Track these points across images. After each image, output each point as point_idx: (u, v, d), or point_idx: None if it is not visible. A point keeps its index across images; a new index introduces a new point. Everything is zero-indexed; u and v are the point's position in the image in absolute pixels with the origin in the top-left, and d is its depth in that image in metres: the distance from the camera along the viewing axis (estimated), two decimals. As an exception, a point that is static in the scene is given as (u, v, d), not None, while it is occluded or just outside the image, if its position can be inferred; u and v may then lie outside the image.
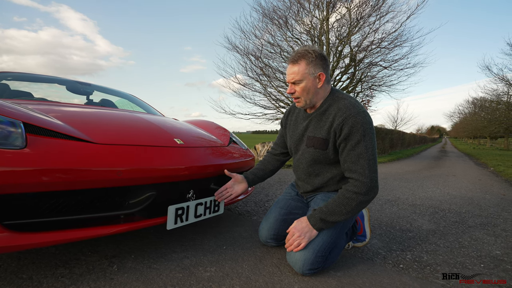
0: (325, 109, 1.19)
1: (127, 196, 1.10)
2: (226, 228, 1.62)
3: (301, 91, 1.17)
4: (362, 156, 1.08)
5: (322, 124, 1.19)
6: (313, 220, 1.11)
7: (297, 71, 1.14)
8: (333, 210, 1.09)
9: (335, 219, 1.09)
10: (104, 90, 2.56)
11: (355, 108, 1.11)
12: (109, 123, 1.34)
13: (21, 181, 0.85)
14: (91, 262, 1.12)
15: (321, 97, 1.20)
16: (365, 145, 1.08)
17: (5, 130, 0.93)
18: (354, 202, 1.08)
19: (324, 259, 1.10)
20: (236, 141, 1.93)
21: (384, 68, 8.19)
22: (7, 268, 1.05)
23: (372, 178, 1.08)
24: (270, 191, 2.84)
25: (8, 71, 2.15)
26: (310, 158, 1.24)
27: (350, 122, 1.09)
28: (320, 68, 1.15)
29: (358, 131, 1.08)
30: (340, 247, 1.20)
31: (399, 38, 7.44)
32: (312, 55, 1.13)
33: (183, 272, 1.08)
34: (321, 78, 1.16)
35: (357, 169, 1.08)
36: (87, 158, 0.98)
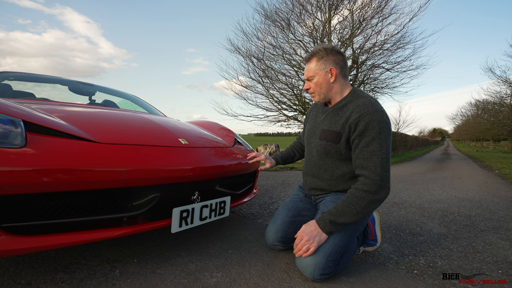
0: (343, 105, 1.19)
1: (130, 198, 1.06)
2: (231, 232, 1.57)
3: (315, 86, 1.21)
4: (375, 153, 1.05)
5: (338, 119, 1.18)
6: (322, 223, 1.07)
7: (310, 68, 1.21)
8: (342, 210, 1.05)
9: (345, 221, 1.04)
10: (106, 90, 2.53)
11: (373, 106, 1.09)
12: (112, 123, 1.30)
13: (20, 181, 0.81)
14: (92, 267, 1.08)
15: (336, 91, 1.21)
16: (380, 143, 1.05)
17: (4, 128, 0.90)
18: (364, 201, 1.03)
19: (336, 264, 1.05)
20: (241, 142, 1.89)
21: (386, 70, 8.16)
22: (4, 273, 1.00)
23: (384, 176, 1.04)
24: (274, 193, 2.79)
25: (10, 71, 2.12)
26: (322, 151, 1.22)
27: (366, 119, 1.06)
28: (332, 63, 1.18)
29: (373, 129, 1.05)
30: (352, 251, 1.15)
31: (402, 40, 7.41)
32: (323, 52, 1.18)
33: (188, 277, 1.03)
34: (333, 73, 1.17)
35: (369, 166, 1.05)
36: (89, 157, 0.94)
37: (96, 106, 1.93)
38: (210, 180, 1.31)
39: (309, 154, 1.33)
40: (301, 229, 1.11)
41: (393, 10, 7.28)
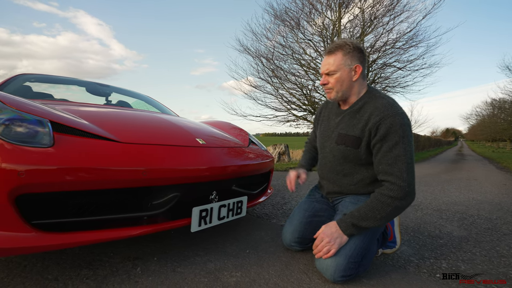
0: (360, 107, 1.14)
1: (151, 197, 1.08)
2: (247, 232, 1.57)
3: (335, 82, 1.13)
4: (400, 158, 1.01)
5: (355, 122, 1.13)
6: (344, 225, 1.05)
7: (333, 62, 1.12)
8: (365, 215, 1.03)
9: (368, 225, 1.03)
10: (122, 91, 2.58)
11: (393, 108, 1.05)
12: (132, 123, 1.32)
13: (49, 180, 0.84)
14: (114, 264, 1.10)
15: (355, 91, 1.16)
16: (404, 147, 1.01)
17: (33, 128, 0.92)
18: (389, 207, 1.01)
19: (357, 266, 1.04)
20: (255, 142, 1.89)
21: (398, 69, 8.00)
22: (32, 268, 1.03)
23: (410, 182, 1.01)
24: (286, 193, 2.78)
25: (30, 73, 2.19)
26: (340, 156, 1.18)
27: (388, 122, 1.03)
28: (357, 60, 1.12)
29: (396, 132, 1.02)
30: (372, 253, 1.13)
31: (415, 38, 7.24)
32: (350, 47, 1.11)
33: (208, 276, 1.04)
34: (357, 71, 1.12)
35: (394, 171, 1.01)
36: (113, 157, 0.96)
37: (114, 106, 1.97)
38: (227, 180, 1.32)
39: (324, 158, 1.28)
40: (320, 230, 1.10)
41: (405, 7, 7.13)
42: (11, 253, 0.83)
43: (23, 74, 2.09)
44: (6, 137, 0.85)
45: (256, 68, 8.19)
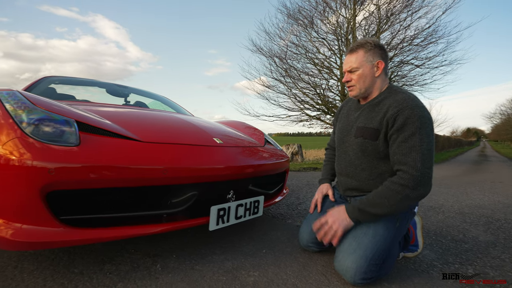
0: (379, 101, 1.13)
1: (170, 195, 1.10)
2: (262, 231, 1.57)
3: (358, 78, 1.14)
4: (415, 148, 0.98)
5: (374, 115, 1.12)
6: (351, 209, 1.05)
7: (355, 59, 1.14)
8: (374, 201, 1.02)
9: (376, 212, 1.01)
10: (139, 92, 2.65)
11: (413, 101, 1.03)
12: (152, 123, 1.35)
13: (76, 177, 0.87)
14: (135, 260, 1.13)
15: (377, 87, 1.16)
16: (420, 138, 0.99)
17: (60, 128, 0.97)
18: (399, 195, 0.98)
19: (378, 268, 1.01)
20: (270, 142, 1.88)
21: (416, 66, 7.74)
22: (59, 262, 1.08)
23: (424, 173, 0.97)
24: (300, 194, 2.76)
25: (55, 76, 2.29)
26: (359, 149, 1.16)
27: (405, 114, 1.01)
28: (379, 57, 1.13)
29: (413, 123, 0.99)
30: (394, 256, 1.10)
31: (434, 34, 6.98)
32: (371, 44, 1.13)
33: (226, 275, 1.05)
34: (379, 67, 1.13)
35: (408, 161, 0.99)
36: (136, 156, 0.98)
37: (133, 107, 2.03)
38: (244, 179, 1.32)
39: (343, 153, 1.27)
40: (326, 214, 1.10)
41: (424, 3, 6.89)
42: (42, 246, 0.87)
43: (48, 77, 2.19)
44: (36, 136, 0.90)
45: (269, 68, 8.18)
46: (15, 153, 0.85)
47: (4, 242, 0.84)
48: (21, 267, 1.03)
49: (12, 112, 0.97)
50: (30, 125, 0.93)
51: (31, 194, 0.83)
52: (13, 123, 0.93)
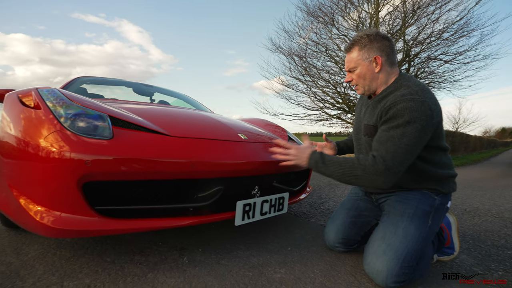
0: (383, 96, 1.06)
1: (197, 189, 1.11)
2: (286, 229, 1.55)
3: (357, 78, 1.10)
4: (392, 140, 0.93)
5: (375, 111, 1.07)
6: (313, 157, 1.07)
7: (351, 58, 1.10)
8: (333, 163, 1.03)
9: (328, 173, 1.04)
10: (164, 91, 2.72)
11: (412, 95, 0.94)
12: (178, 118, 1.38)
13: (109, 169, 0.90)
14: (163, 252, 1.16)
15: (381, 82, 1.08)
16: (402, 132, 0.92)
17: (95, 122, 1.01)
18: (355, 172, 0.98)
19: (412, 270, 0.95)
20: (293, 139, 1.86)
21: (445, 62, 7.31)
22: (93, 251, 1.13)
23: (390, 167, 0.92)
24: (322, 193, 2.70)
25: (86, 76, 2.41)
26: (368, 147, 1.12)
27: (398, 107, 0.94)
28: (376, 51, 1.05)
29: (402, 117, 0.92)
30: (428, 257, 1.03)
31: (466, 28, 6.55)
32: (365, 39, 1.05)
33: (252, 271, 1.04)
34: (377, 62, 1.05)
35: (380, 149, 0.95)
36: (165, 149, 1.00)
37: (159, 104, 2.09)
38: (268, 176, 1.31)
39: (357, 151, 1.23)
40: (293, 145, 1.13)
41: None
42: (78, 234, 0.91)
43: (80, 77, 2.31)
44: (74, 129, 0.94)
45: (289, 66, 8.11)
46: (55, 145, 0.90)
47: (45, 229, 0.89)
48: (60, 254, 1.09)
49: (52, 107, 1.03)
50: (68, 120, 0.98)
51: (70, 184, 0.88)
52: (53, 118, 0.98)
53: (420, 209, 1.02)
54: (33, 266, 0.99)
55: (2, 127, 1.17)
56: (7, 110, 1.20)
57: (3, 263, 1.01)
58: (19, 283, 0.88)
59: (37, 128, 0.98)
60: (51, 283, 0.89)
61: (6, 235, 1.27)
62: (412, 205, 1.03)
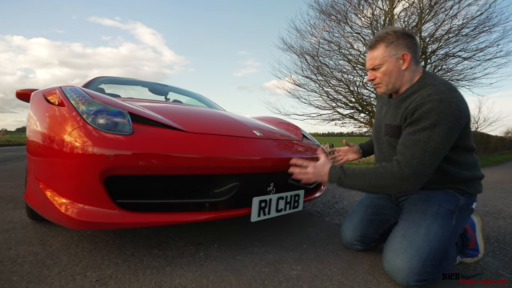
0: (407, 95, 1.02)
1: (213, 185, 1.12)
2: (300, 227, 1.54)
3: (382, 76, 1.05)
4: (419, 143, 0.89)
5: (399, 111, 1.03)
6: (333, 172, 1.02)
7: (376, 55, 1.04)
8: (357, 175, 0.98)
9: (353, 185, 0.99)
10: (178, 90, 2.77)
11: (440, 95, 0.90)
12: (194, 115, 1.40)
13: (130, 163, 0.93)
14: (180, 247, 1.17)
15: (406, 80, 1.04)
16: (429, 135, 0.88)
17: (116, 118, 1.03)
18: (382, 181, 0.94)
19: (434, 270, 0.92)
20: (308, 137, 1.84)
21: (464, 59, 7.04)
22: (113, 244, 1.16)
23: (417, 171, 0.89)
24: (336, 192, 2.66)
25: (104, 76, 2.49)
26: (389, 148, 1.09)
27: (425, 108, 0.90)
28: (404, 48, 1.01)
29: (429, 119, 0.88)
30: (452, 258, 1.00)
31: (487, 22, 6.28)
32: (392, 36, 1.01)
33: (268, 267, 1.04)
34: (405, 59, 1.01)
35: (405, 153, 0.91)
36: (183, 145, 1.02)
37: (174, 103, 2.13)
38: (283, 173, 1.30)
39: (378, 150, 1.20)
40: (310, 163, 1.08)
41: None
42: (100, 227, 0.94)
43: (99, 77, 2.39)
44: (96, 125, 0.97)
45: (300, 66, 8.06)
46: (79, 140, 0.93)
47: (69, 220, 0.92)
48: (82, 246, 1.13)
49: (75, 105, 1.07)
50: (90, 116, 1.01)
51: (93, 177, 0.90)
52: (76, 114, 1.02)
53: (443, 208, 0.98)
54: (57, 256, 1.03)
55: (29, 124, 1.23)
56: (34, 108, 1.26)
57: (31, 253, 1.05)
58: (46, 272, 0.92)
59: (61, 124, 1.02)
60: (75, 273, 0.92)
61: (31, 227, 1.33)
62: (435, 204, 1.00)
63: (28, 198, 1.14)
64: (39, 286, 0.84)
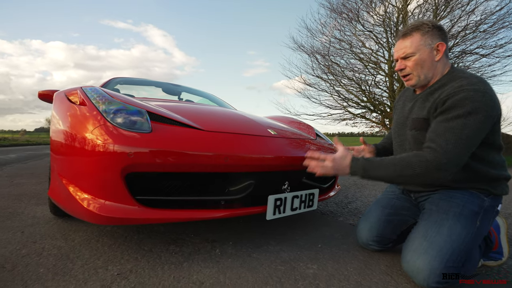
0: (435, 88, 0.99)
1: (229, 182, 1.13)
2: (314, 227, 1.53)
3: (414, 65, 1.01)
4: (453, 131, 0.85)
5: (426, 104, 1.00)
6: (355, 164, 0.98)
7: (409, 44, 1.00)
8: (384, 165, 0.94)
9: (380, 176, 0.94)
10: (190, 90, 2.81)
11: (472, 85, 0.87)
12: (209, 114, 1.42)
13: (149, 161, 0.95)
14: (196, 244, 1.19)
15: (438, 72, 1.01)
16: (464, 123, 0.85)
17: (135, 117, 1.06)
18: (414, 171, 0.89)
19: (457, 271, 0.89)
20: (321, 136, 1.83)
21: (482, 56, 6.79)
22: (131, 239, 1.19)
23: (452, 159, 0.85)
24: (348, 193, 2.62)
25: (120, 77, 2.55)
26: (413, 143, 1.05)
27: (458, 96, 0.87)
28: (439, 38, 0.98)
29: (463, 107, 0.85)
30: (475, 260, 0.96)
31: (507, 17, 6.03)
32: (428, 25, 0.99)
33: (284, 265, 1.04)
34: (440, 49, 0.98)
35: (439, 141, 0.87)
36: (200, 143, 1.04)
37: (189, 102, 2.16)
38: (298, 171, 1.30)
39: (399, 147, 1.17)
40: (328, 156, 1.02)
41: (494, -18, 5.99)
42: (120, 222, 0.97)
43: (115, 78, 2.45)
44: (116, 123, 1.00)
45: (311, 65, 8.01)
46: (100, 138, 0.96)
47: (91, 215, 0.95)
48: (102, 241, 1.16)
49: (96, 104, 1.10)
50: (110, 114, 1.04)
51: (114, 174, 0.93)
52: (97, 113, 1.05)
53: (467, 209, 0.95)
54: (80, 250, 1.07)
55: (53, 124, 1.28)
56: (56, 108, 1.31)
57: (55, 246, 1.10)
58: (70, 265, 0.96)
59: (83, 123, 1.05)
60: (97, 266, 0.95)
61: (54, 222, 1.38)
62: (458, 204, 0.97)
63: (52, 194, 1.18)
64: (64, 278, 0.87)
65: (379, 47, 7.51)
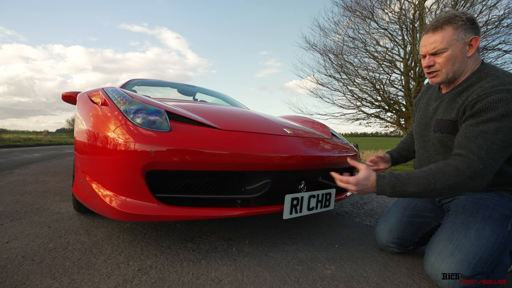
0: (465, 88, 0.94)
1: (247, 181, 1.13)
2: (330, 227, 1.51)
3: (445, 61, 0.94)
4: (485, 135, 0.80)
5: (454, 105, 0.95)
6: (381, 183, 0.89)
7: (441, 38, 0.93)
8: (416, 180, 0.86)
9: (412, 192, 0.86)
10: (204, 91, 2.85)
11: (505, 86, 0.82)
12: (226, 114, 1.43)
13: (169, 159, 0.97)
14: (212, 242, 1.20)
15: (468, 69, 0.95)
16: (497, 127, 0.80)
17: (155, 117, 1.09)
18: (450, 180, 0.82)
19: (485, 277, 0.86)
20: (337, 135, 1.80)
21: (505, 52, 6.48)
22: (150, 236, 1.22)
23: (488, 165, 0.80)
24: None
25: (138, 78, 2.62)
26: (438, 145, 1.01)
27: (490, 98, 0.82)
28: (472, 32, 0.92)
29: (496, 109, 0.80)
30: (505, 265, 0.92)
31: (533, 11, 5.71)
32: (462, 18, 0.91)
33: (301, 265, 1.03)
34: (473, 44, 0.92)
35: (470, 146, 0.82)
36: (218, 142, 1.05)
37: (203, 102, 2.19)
38: (314, 171, 1.29)
39: (421, 149, 1.12)
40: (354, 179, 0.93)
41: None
42: (140, 219, 0.99)
43: (133, 79, 2.53)
44: (136, 123, 1.03)
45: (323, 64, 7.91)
46: (122, 137, 0.99)
47: (113, 211, 0.98)
48: (123, 237, 1.20)
49: (117, 104, 1.14)
50: (131, 114, 1.08)
51: (135, 172, 0.96)
52: (119, 113, 1.08)
53: (497, 212, 0.91)
54: (102, 246, 1.11)
55: (76, 124, 1.33)
56: (80, 109, 1.36)
57: (79, 241, 1.14)
58: (93, 259, 0.99)
59: (105, 122, 1.09)
60: (119, 261, 0.98)
61: (77, 219, 1.43)
62: (487, 207, 0.92)
63: (76, 191, 1.23)
64: (88, 271, 0.90)
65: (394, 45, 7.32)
